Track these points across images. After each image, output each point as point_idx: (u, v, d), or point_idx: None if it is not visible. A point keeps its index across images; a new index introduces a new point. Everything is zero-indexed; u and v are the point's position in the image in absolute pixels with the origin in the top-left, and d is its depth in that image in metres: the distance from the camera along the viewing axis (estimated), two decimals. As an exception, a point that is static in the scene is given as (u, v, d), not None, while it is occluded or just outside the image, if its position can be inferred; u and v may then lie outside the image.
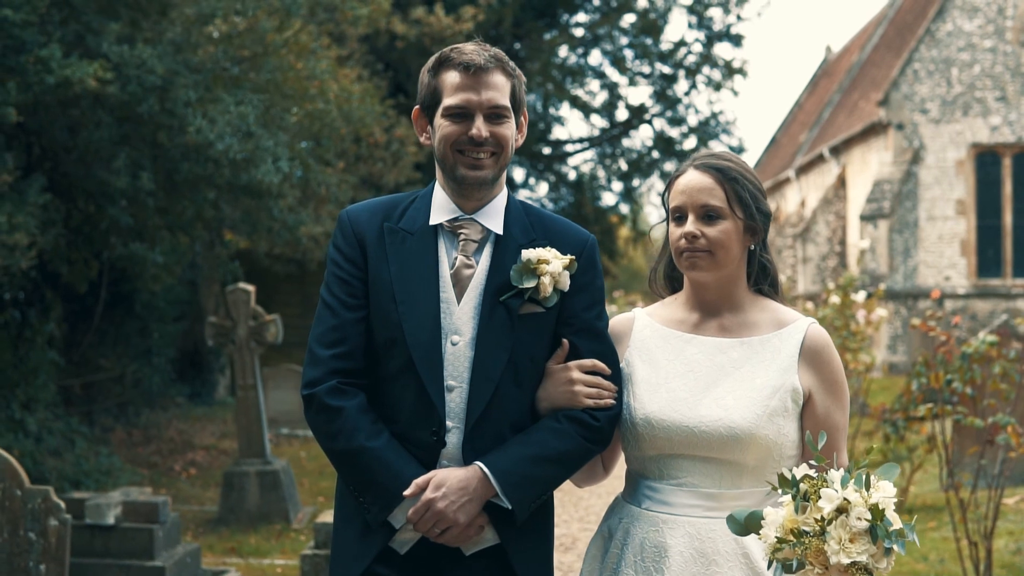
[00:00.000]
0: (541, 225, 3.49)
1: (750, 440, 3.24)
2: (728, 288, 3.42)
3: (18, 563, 6.09)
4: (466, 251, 3.41)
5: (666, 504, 3.32)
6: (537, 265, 3.35)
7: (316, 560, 8.56)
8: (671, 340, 3.43)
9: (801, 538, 2.84)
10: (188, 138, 11.63)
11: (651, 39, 28.01)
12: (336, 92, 15.14)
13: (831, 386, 3.35)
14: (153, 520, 8.76)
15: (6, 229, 10.11)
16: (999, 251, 29.78)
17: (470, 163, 3.36)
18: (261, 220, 13.63)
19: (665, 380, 3.36)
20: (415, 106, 3.52)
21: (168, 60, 11.66)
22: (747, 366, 3.34)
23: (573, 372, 3.36)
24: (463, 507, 3.24)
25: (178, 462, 15.38)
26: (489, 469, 3.26)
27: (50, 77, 9.93)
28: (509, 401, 3.35)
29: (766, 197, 3.45)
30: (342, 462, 3.34)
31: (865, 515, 2.81)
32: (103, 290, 16.07)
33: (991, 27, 29.33)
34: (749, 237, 3.39)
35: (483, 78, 3.35)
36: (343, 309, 3.38)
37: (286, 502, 11.62)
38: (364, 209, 3.51)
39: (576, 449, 3.35)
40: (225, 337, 11.72)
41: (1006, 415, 7.62)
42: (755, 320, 3.42)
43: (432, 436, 3.31)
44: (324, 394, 3.31)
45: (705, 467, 3.29)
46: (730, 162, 3.41)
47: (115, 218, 12.43)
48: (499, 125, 3.37)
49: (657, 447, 3.33)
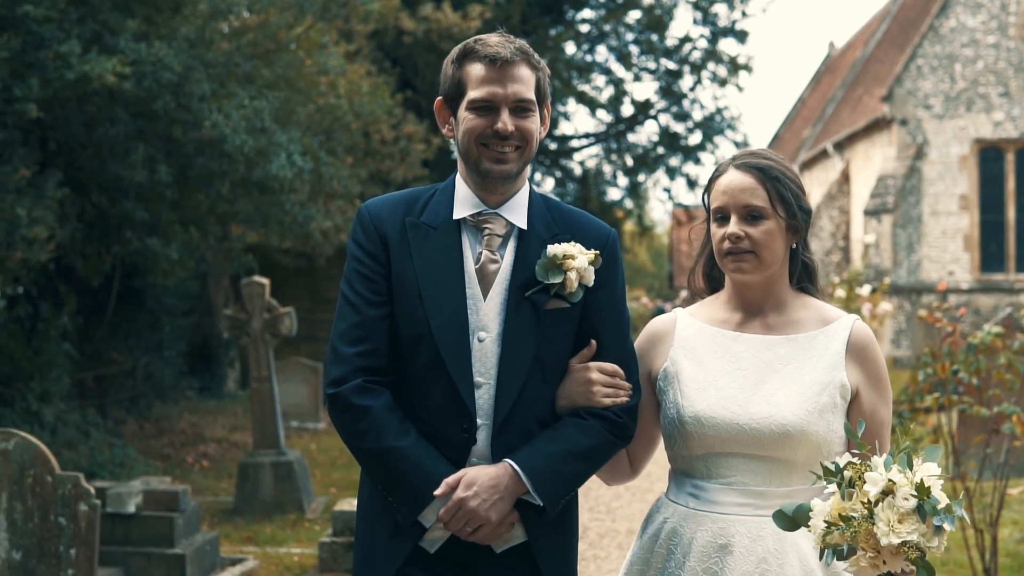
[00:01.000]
0: (563, 219, 3.45)
1: (801, 437, 3.23)
2: (771, 287, 3.41)
3: (49, 547, 6.26)
4: (491, 246, 3.37)
5: (714, 503, 3.29)
6: (563, 260, 3.32)
7: (334, 547, 8.75)
8: (717, 338, 3.41)
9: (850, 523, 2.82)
10: (204, 133, 11.79)
11: (657, 35, 28.12)
12: (346, 86, 15.32)
13: (876, 382, 3.35)
14: (173, 508, 8.94)
15: (26, 223, 10.27)
16: (1002, 246, 29.94)
17: (495, 157, 3.33)
18: (273, 214, 13.79)
19: (713, 378, 3.34)
20: (438, 97, 3.47)
21: (183, 56, 11.81)
22: (795, 363, 3.32)
23: (593, 373, 3.34)
24: (495, 505, 3.21)
25: (190, 454, 15.54)
26: (520, 466, 3.23)
27: (70, 73, 10.09)
28: (536, 397, 3.32)
29: (806, 195, 3.43)
30: (370, 462, 3.31)
31: (911, 494, 2.80)
32: (115, 284, 16.23)
33: (994, 23, 29.47)
34: (791, 236, 3.38)
35: (509, 71, 3.30)
36: (366, 306, 3.32)
37: (300, 492, 11.79)
38: (384, 203, 3.45)
39: (602, 444, 3.34)
40: (240, 329, 11.89)
41: (1011, 405, 7.76)
42: (799, 318, 3.41)
43: (463, 433, 3.28)
44: (350, 393, 3.26)
45: (754, 465, 3.27)
46: (771, 161, 3.39)
47: (130, 212, 12.59)
48: (524, 119, 3.33)
49: (706, 445, 3.30)
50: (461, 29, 21.13)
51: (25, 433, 6.39)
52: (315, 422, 19.06)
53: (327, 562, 8.76)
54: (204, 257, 19.75)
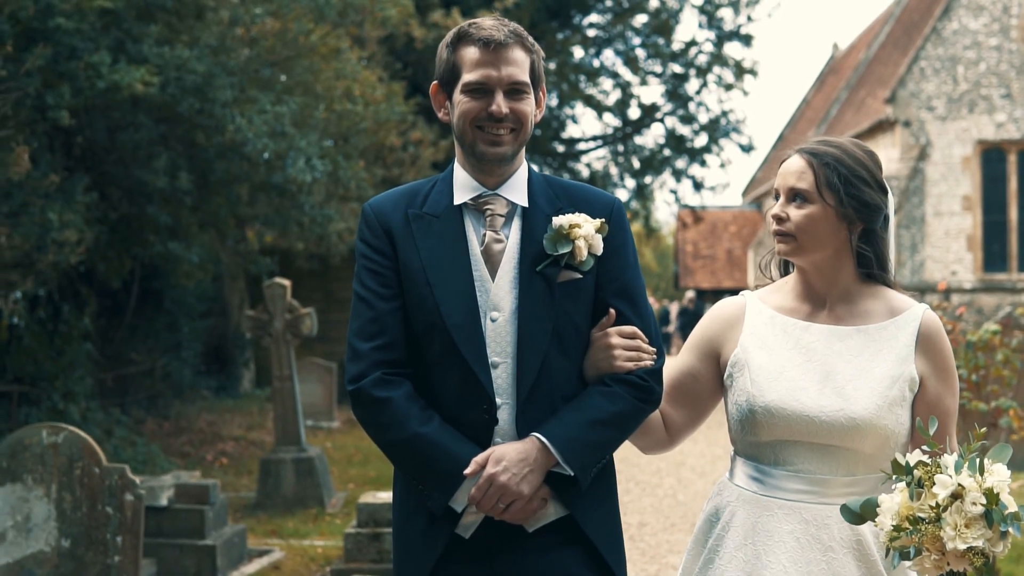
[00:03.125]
0: (565, 194, 3.47)
1: (870, 430, 3.24)
2: (831, 275, 3.40)
3: (96, 535, 6.60)
4: (494, 226, 3.38)
5: (779, 489, 3.32)
6: (570, 230, 3.33)
7: (359, 538, 9.06)
8: (788, 328, 3.41)
9: (917, 525, 2.82)
10: (226, 138, 12.16)
11: (663, 39, 28.38)
12: (361, 91, 15.70)
13: (943, 372, 3.34)
14: (203, 501, 9.29)
15: (57, 227, 10.63)
16: (1005, 246, 30.20)
17: (490, 139, 3.34)
18: (292, 216, 14.17)
19: (783, 368, 3.34)
20: (433, 81, 3.48)
21: (206, 63, 12.17)
22: (865, 354, 3.32)
23: (613, 338, 3.34)
24: (526, 478, 3.21)
25: (209, 452, 15.90)
26: (547, 438, 3.24)
27: (100, 82, 10.46)
28: (557, 372, 3.33)
29: (877, 187, 3.38)
30: (397, 452, 3.33)
31: (980, 500, 2.79)
32: (135, 286, 16.61)
33: (996, 25, 29.72)
34: (844, 225, 3.34)
35: (503, 54, 3.30)
36: (378, 300, 3.35)
37: (320, 487, 12.14)
38: (386, 199, 3.49)
39: (629, 409, 3.34)
40: (262, 330, 12.26)
41: (1008, 399, 8.09)
42: (868, 309, 3.40)
43: (484, 414, 3.29)
44: (370, 387, 3.29)
45: (822, 454, 3.28)
46: (834, 148, 3.38)
47: (153, 216, 12.96)
48: (518, 101, 3.34)
49: (775, 434, 3.32)
50: (471, 35, 21.44)
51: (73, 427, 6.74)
52: (330, 421, 19.43)
53: (352, 552, 9.08)
54: (219, 259, 20.12)
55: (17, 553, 6.59)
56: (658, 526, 11.24)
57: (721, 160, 31.45)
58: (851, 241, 3.36)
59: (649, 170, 29.66)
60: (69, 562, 6.57)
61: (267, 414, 19.52)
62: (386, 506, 9.11)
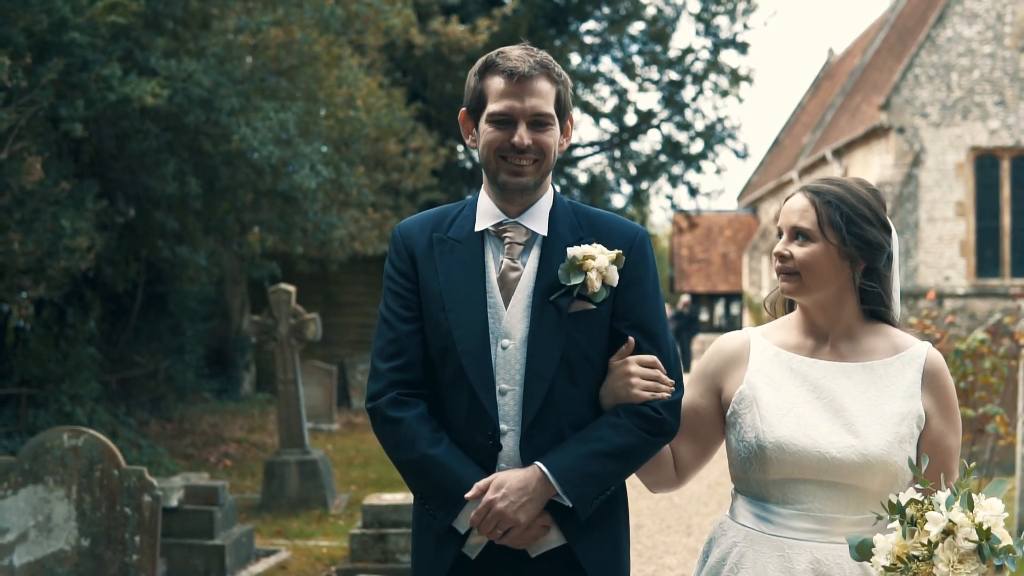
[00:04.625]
0: (589, 223, 3.48)
1: (881, 467, 3.22)
2: (834, 313, 3.41)
3: (115, 535, 6.84)
4: (511, 254, 3.42)
5: (788, 528, 3.29)
6: (583, 261, 3.35)
7: (364, 539, 9.31)
8: (793, 365, 3.39)
9: (910, 563, 2.83)
10: (232, 145, 12.41)
11: (660, 46, 28.63)
12: (363, 98, 15.96)
13: (946, 410, 3.34)
14: (213, 503, 9.53)
15: (69, 233, 10.88)
16: (998, 252, 30.43)
17: (512, 169, 3.38)
18: (296, 222, 14.42)
19: (792, 405, 3.32)
20: (462, 108, 3.53)
21: (212, 72, 12.41)
22: (872, 391, 3.31)
23: (632, 366, 3.36)
24: (523, 507, 3.25)
25: (212, 454, 16.12)
26: (548, 468, 3.27)
27: (112, 95, 10.71)
28: (565, 401, 3.35)
29: (881, 225, 3.40)
30: (407, 471, 3.40)
31: (972, 535, 2.79)
32: (140, 290, 16.84)
33: (990, 33, 29.96)
34: (847, 264, 3.35)
35: (527, 85, 3.34)
36: (399, 322, 3.43)
37: (324, 489, 12.39)
38: (415, 222, 3.56)
39: (637, 443, 3.35)
40: (267, 334, 12.50)
41: (995, 406, 8.33)
42: (871, 346, 3.39)
43: (488, 440, 3.34)
44: (385, 406, 3.37)
45: (830, 492, 3.26)
46: (837, 187, 3.40)
47: (161, 221, 13.21)
48: (542, 132, 3.37)
49: (784, 472, 3.29)
50: (470, 43, 21.72)
51: (93, 431, 6.98)
52: (330, 423, 19.67)
53: (357, 553, 9.33)
54: (220, 263, 20.37)
55: (39, 552, 6.84)
56: (654, 528, 11.49)
57: (716, 166, 31.62)
58: (854, 279, 3.37)
59: (645, 176, 29.91)
60: (89, 561, 6.81)
61: (268, 416, 19.76)
62: (390, 508, 9.37)
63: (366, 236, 18.85)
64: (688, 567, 9.88)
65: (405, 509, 9.33)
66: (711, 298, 49.92)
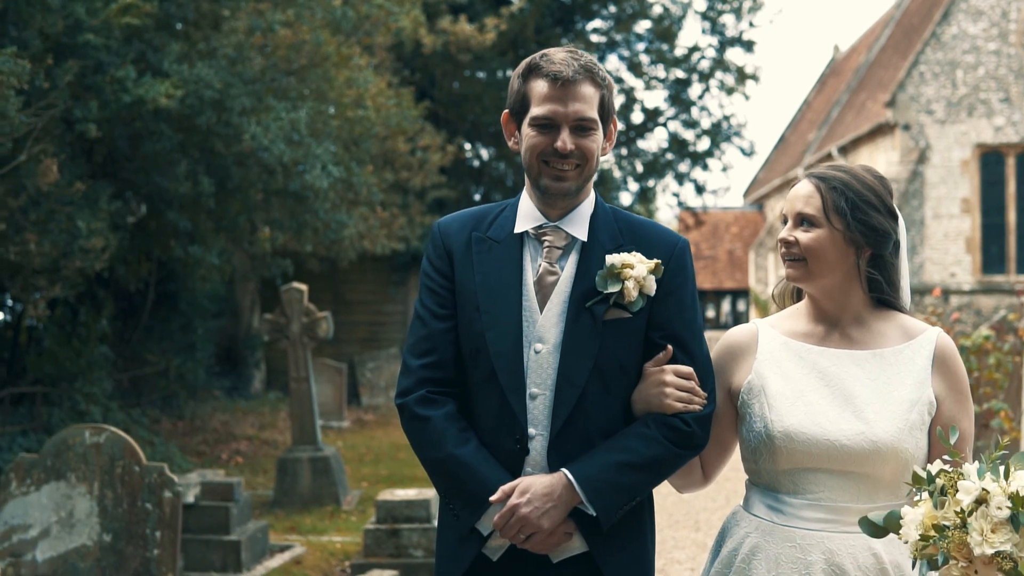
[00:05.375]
0: (630, 230, 3.45)
1: (891, 454, 3.22)
2: (841, 300, 3.40)
3: (137, 530, 6.98)
4: (550, 258, 3.39)
5: (801, 519, 3.29)
6: (621, 270, 3.32)
7: (377, 534, 9.47)
8: (802, 353, 3.39)
9: (943, 532, 2.80)
10: (244, 146, 12.55)
11: (666, 45, 28.71)
12: (372, 97, 16.11)
13: (958, 395, 3.34)
14: (228, 499, 9.67)
15: (85, 234, 11.02)
16: (1003, 248, 30.51)
17: (554, 174, 3.34)
18: (307, 221, 14.57)
19: (801, 393, 3.32)
20: (504, 110, 3.49)
21: (223, 74, 12.55)
22: (882, 378, 3.31)
23: (667, 375, 3.33)
24: (547, 513, 3.23)
25: (224, 451, 16.27)
26: (574, 476, 3.25)
27: (126, 96, 10.85)
28: (596, 408, 3.32)
29: (887, 212, 3.40)
30: (432, 469, 3.39)
31: (1006, 504, 2.77)
32: (151, 289, 16.99)
33: (995, 30, 30.03)
34: (852, 249, 3.35)
35: (571, 90, 3.30)
36: (433, 319, 3.41)
37: (336, 486, 12.52)
38: (454, 220, 3.52)
39: (664, 455, 3.32)
40: (280, 333, 12.64)
41: (999, 401, 8.43)
42: (881, 331, 3.39)
43: (516, 444, 3.32)
44: (414, 404, 3.36)
45: (841, 481, 3.26)
46: (842, 173, 3.40)
47: (174, 222, 13.36)
48: (585, 137, 3.34)
49: (794, 461, 3.29)
50: (479, 41, 21.83)
51: (114, 428, 7.12)
52: (340, 421, 19.82)
53: (371, 547, 9.48)
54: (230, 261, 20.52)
55: (61, 547, 6.98)
56: (663, 523, 11.61)
57: (723, 164, 31.72)
58: (859, 266, 3.36)
59: (652, 173, 29.99)
60: (110, 555, 6.95)
61: (278, 414, 19.92)
62: (403, 503, 9.52)
63: (375, 235, 18.98)
64: (697, 561, 10.01)
65: (418, 505, 9.48)
66: (717, 295, 50.04)
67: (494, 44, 22.80)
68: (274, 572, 9.46)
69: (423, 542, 9.36)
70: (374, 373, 24.04)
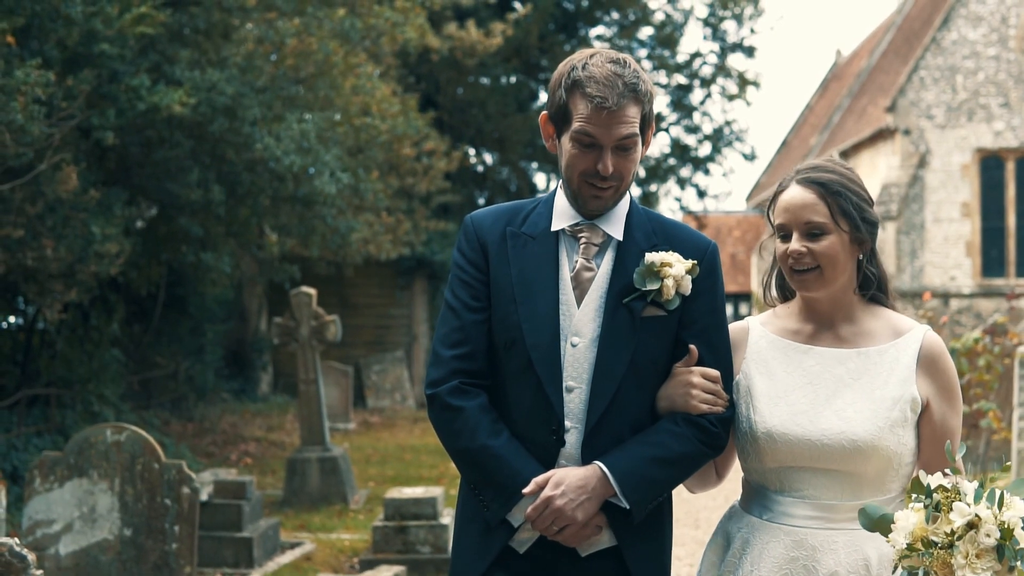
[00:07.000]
0: (663, 231, 3.48)
1: (872, 452, 3.25)
2: (839, 299, 3.42)
3: (156, 525, 7.26)
4: (587, 254, 3.42)
5: (787, 516, 3.34)
6: (660, 268, 3.36)
7: (386, 531, 9.74)
8: (788, 352, 3.44)
9: (929, 548, 2.84)
10: (255, 154, 12.84)
11: (668, 51, 28.96)
12: (378, 104, 16.39)
13: (947, 393, 3.36)
14: (241, 497, 9.94)
15: (99, 239, 11.31)
16: (1003, 252, 30.68)
17: (593, 193, 3.37)
18: (316, 227, 14.86)
19: (785, 393, 3.37)
20: (542, 112, 3.50)
21: (235, 83, 12.83)
22: (866, 377, 3.34)
23: (694, 376, 3.37)
24: (581, 505, 3.25)
25: (233, 452, 16.54)
26: (609, 469, 3.28)
27: (141, 104, 11.14)
28: (630, 403, 3.36)
29: (872, 204, 3.43)
30: (463, 460, 3.40)
31: (995, 533, 2.81)
32: (162, 293, 17.28)
33: (995, 36, 30.22)
34: (857, 248, 3.38)
35: (615, 115, 3.30)
36: (465, 311, 3.42)
37: (344, 485, 12.80)
38: (487, 214, 3.54)
39: (694, 452, 3.37)
40: (289, 336, 12.92)
41: (989, 402, 8.69)
42: (871, 329, 3.43)
43: (552, 435, 3.34)
44: (446, 394, 3.36)
45: (826, 479, 3.30)
46: (833, 174, 3.39)
47: (186, 228, 13.65)
48: (626, 157, 3.36)
49: (778, 460, 3.34)
50: (484, 47, 22.10)
51: (135, 427, 7.41)
52: (346, 422, 20.09)
53: (379, 544, 9.75)
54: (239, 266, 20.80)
55: (83, 541, 7.26)
56: (664, 521, 11.84)
57: (724, 169, 32.02)
58: (861, 263, 3.41)
59: (654, 178, 30.22)
60: (131, 549, 7.23)
61: (286, 416, 20.19)
62: (411, 501, 9.80)
63: (380, 240, 19.24)
64: (696, 557, 10.27)
65: (425, 502, 9.76)
66: (720, 298, 50.09)
67: (498, 51, 23.06)
68: (285, 568, 9.73)
69: (430, 539, 9.64)
70: (379, 376, 24.34)
